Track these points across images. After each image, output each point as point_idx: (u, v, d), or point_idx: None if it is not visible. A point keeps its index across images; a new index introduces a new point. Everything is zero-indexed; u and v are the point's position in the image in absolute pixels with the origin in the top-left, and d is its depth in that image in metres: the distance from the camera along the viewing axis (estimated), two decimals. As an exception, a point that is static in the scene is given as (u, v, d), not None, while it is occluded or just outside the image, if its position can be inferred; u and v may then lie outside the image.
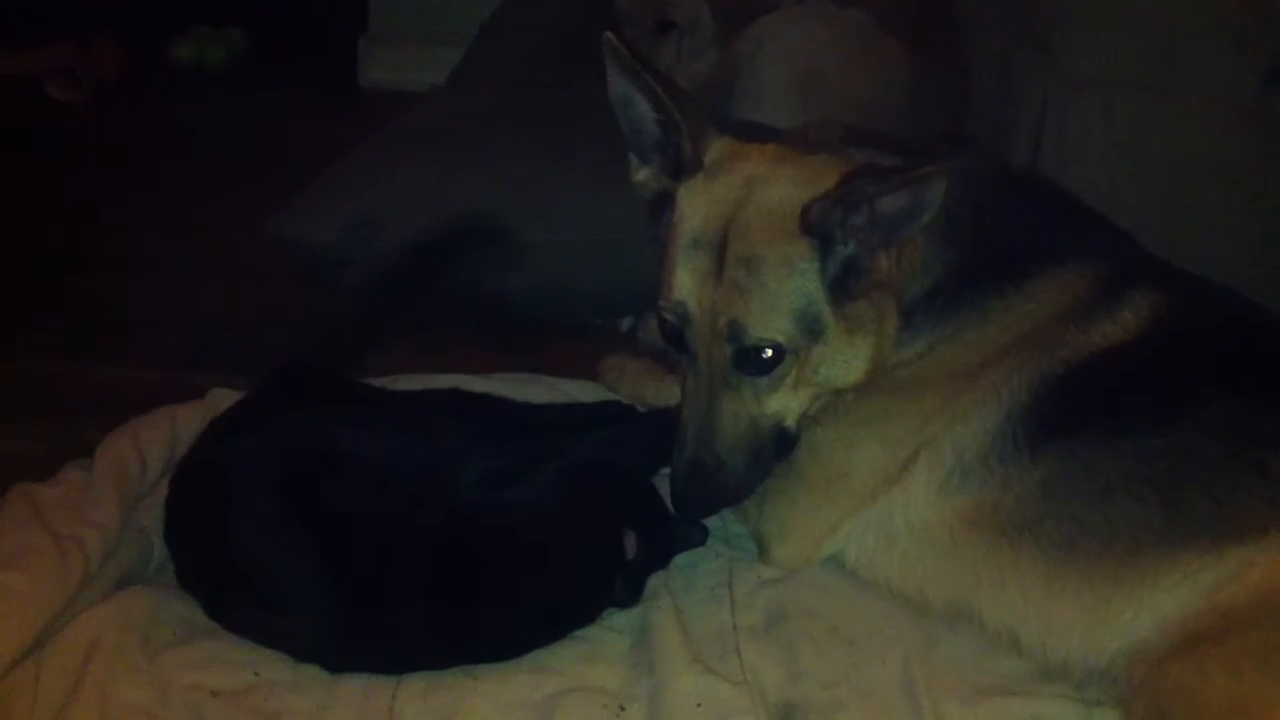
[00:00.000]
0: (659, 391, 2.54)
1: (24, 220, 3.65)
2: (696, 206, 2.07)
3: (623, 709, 1.94)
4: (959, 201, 2.05)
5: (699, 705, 1.92)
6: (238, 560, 2.02)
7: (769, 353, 2.03)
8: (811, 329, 2.03)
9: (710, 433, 2.08)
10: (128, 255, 3.49)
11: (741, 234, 2.02)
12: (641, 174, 2.18)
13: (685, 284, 2.05)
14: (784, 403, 2.10)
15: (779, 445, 2.13)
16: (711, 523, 2.23)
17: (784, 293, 2.01)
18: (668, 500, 2.15)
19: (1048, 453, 2.02)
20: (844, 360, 2.08)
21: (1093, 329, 2.06)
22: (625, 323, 3.05)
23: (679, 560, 2.21)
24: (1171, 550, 1.90)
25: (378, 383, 2.51)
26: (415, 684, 1.96)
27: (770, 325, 2.01)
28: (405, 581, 1.98)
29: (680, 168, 2.11)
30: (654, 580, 2.16)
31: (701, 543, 2.22)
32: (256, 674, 1.96)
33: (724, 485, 2.11)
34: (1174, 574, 1.89)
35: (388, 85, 4.89)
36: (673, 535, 2.20)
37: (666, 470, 2.15)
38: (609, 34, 2.09)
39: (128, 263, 3.45)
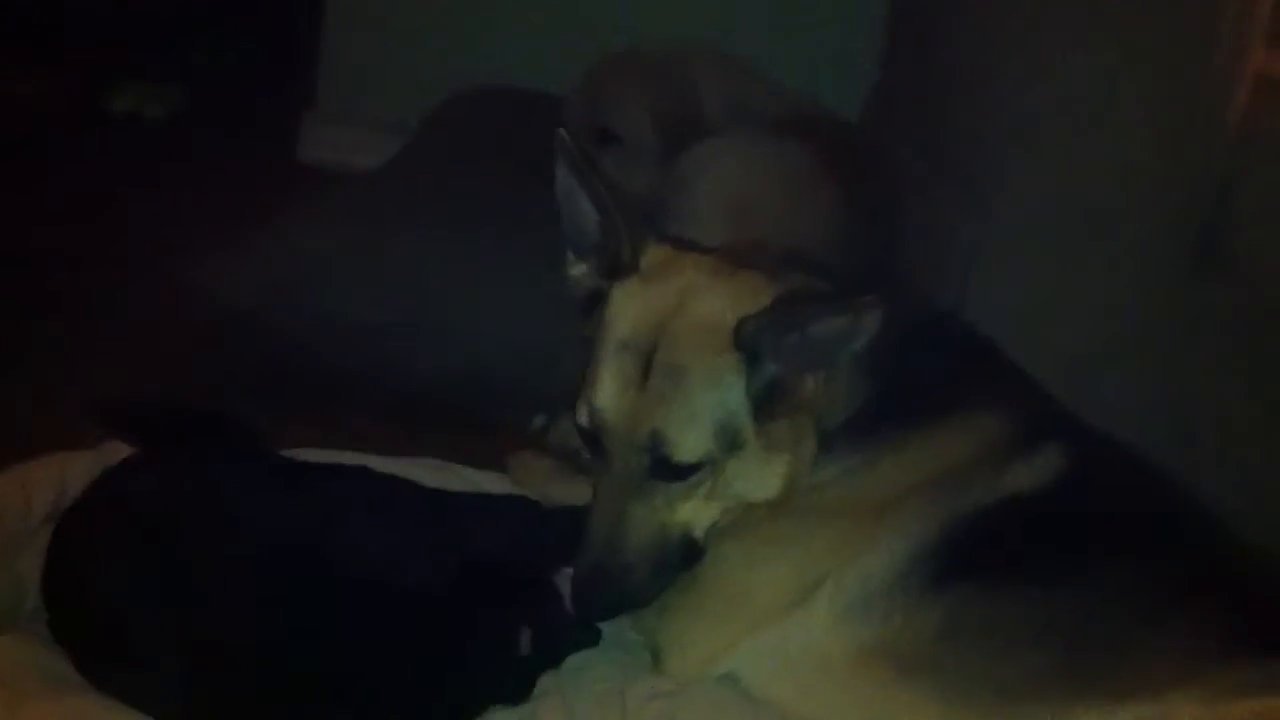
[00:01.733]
0: (566, 492, 2.51)
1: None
2: (628, 310, 2.08)
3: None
4: (886, 336, 2.08)
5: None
6: (100, 616, 1.95)
7: (687, 464, 2.03)
8: (731, 442, 2.03)
9: (618, 537, 2.06)
10: (34, 297, 3.40)
11: (670, 343, 2.03)
12: (577, 270, 2.20)
13: (608, 388, 2.05)
14: (695, 513, 2.10)
15: (685, 555, 2.12)
16: (608, 627, 2.20)
17: (707, 405, 2.01)
18: (566, 599, 2.12)
19: (951, 593, 2.03)
20: (760, 477, 2.09)
21: (1005, 475, 2.09)
22: (538, 420, 3.04)
23: (572, 661, 2.17)
24: (1067, 704, 1.91)
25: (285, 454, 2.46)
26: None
27: (691, 438, 2.01)
28: (278, 653, 1.92)
29: (616, 269, 2.12)
30: (545, 680, 2.11)
31: (595, 644, 2.19)
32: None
33: (626, 590, 2.08)
34: None
35: (328, 163, 4.87)
36: (568, 635, 2.16)
37: (567, 570, 2.14)
38: (561, 130, 2.13)
39: (35, 305, 3.36)
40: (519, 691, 2.07)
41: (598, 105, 3.55)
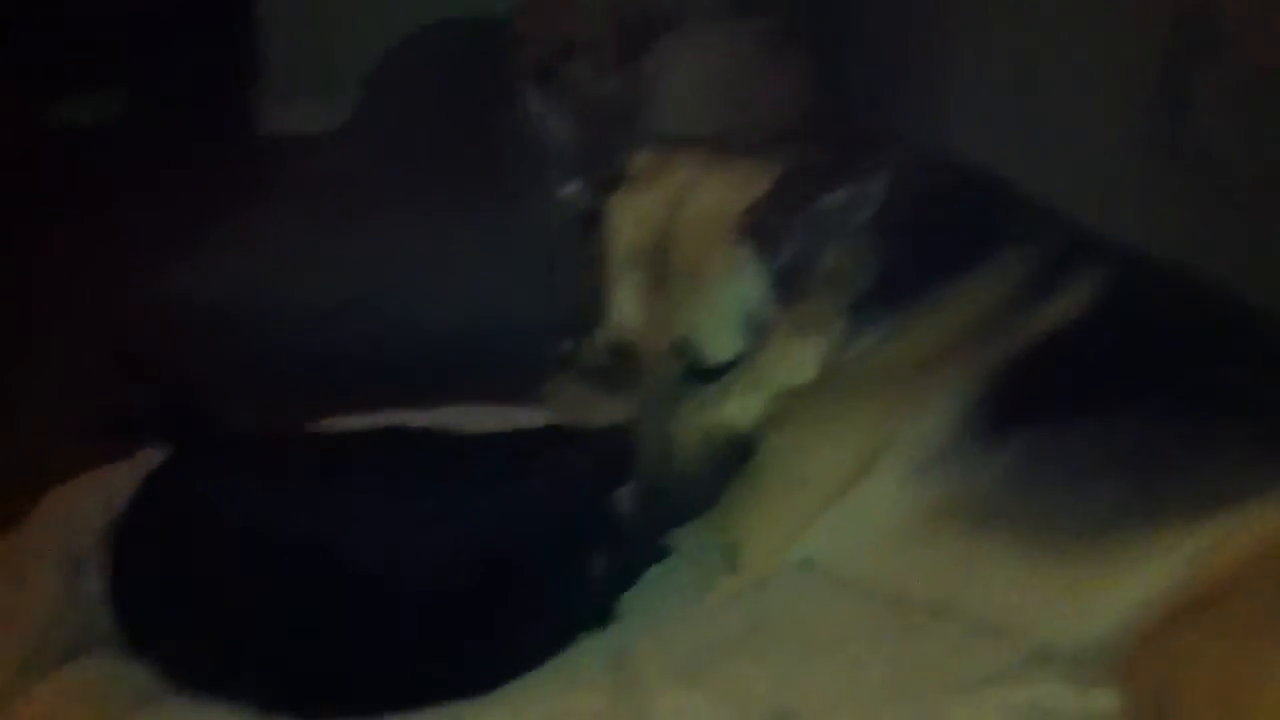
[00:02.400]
0: (608, 411, 2.50)
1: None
2: (628, 220, 2.05)
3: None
4: (895, 194, 2.05)
5: (685, 721, 1.89)
6: (187, 614, 1.95)
7: (719, 365, 2.01)
8: (760, 333, 2.01)
9: (666, 448, 2.05)
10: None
11: (679, 245, 1.99)
12: (565, 191, 2.15)
13: (625, 304, 2.03)
14: (737, 410, 2.08)
15: (736, 453, 2.11)
16: (676, 539, 2.18)
17: (729, 302, 1.99)
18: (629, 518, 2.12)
19: (1012, 438, 2.02)
20: (794, 362, 2.07)
21: (1041, 312, 2.07)
22: (565, 346, 3.01)
23: (647, 578, 2.16)
24: (1150, 524, 1.91)
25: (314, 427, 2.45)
26: (392, 725, 1.90)
27: (718, 338, 1.99)
28: (363, 618, 1.92)
29: (606, 182, 2.08)
30: (625, 600, 2.11)
31: (666, 558, 2.18)
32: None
33: (686, 498, 2.08)
34: (1156, 547, 1.90)
35: (284, 133, 4.80)
36: (638, 554, 2.16)
37: (625, 488, 2.13)
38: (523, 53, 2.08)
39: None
40: (602, 616, 2.07)
41: (553, 17, 3.48)
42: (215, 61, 5.15)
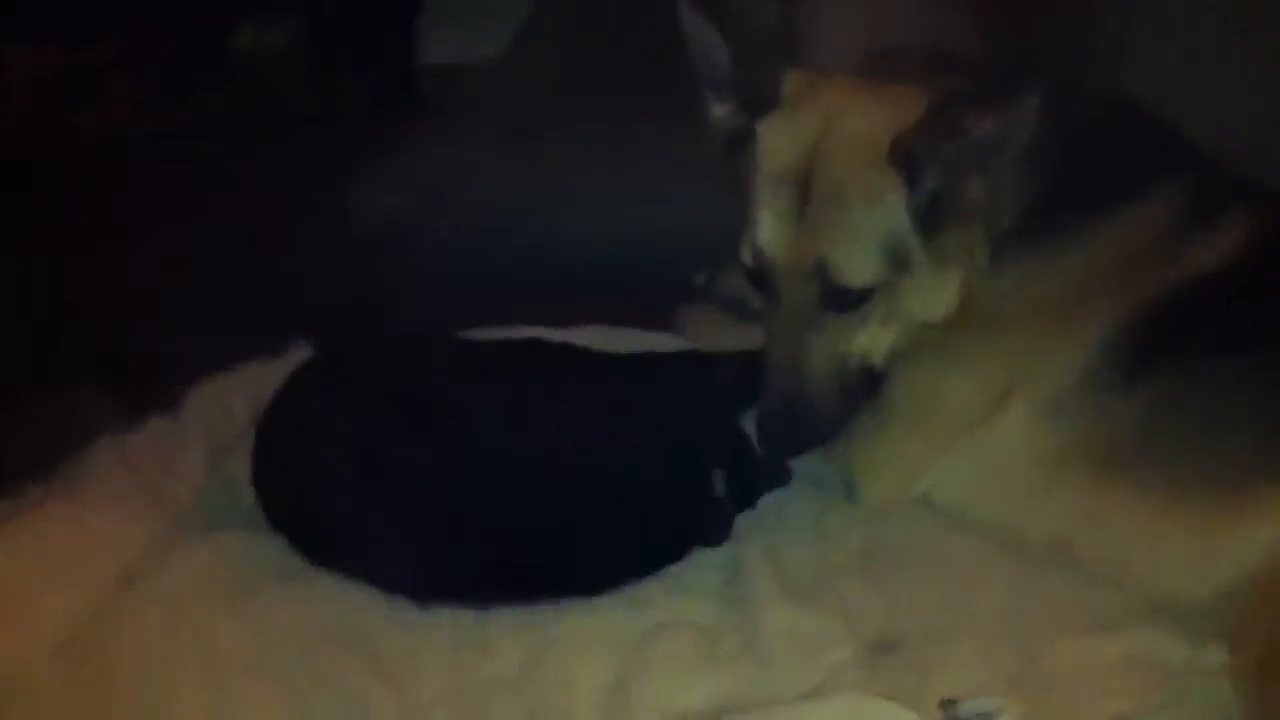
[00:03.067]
0: (739, 338, 2.52)
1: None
2: (777, 142, 2.04)
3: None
4: (1046, 128, 2.01)
5: (793, 639, 1.90)
6: (325, 500, 2.03)
7: (856, 289, 2.01)
8: (899, 262, 1.99)
9: (797, 373, 2.05)
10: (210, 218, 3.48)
11: (825, 168, 1.98)
12: (718, 112, 2.15)
13: (768, 223, 2.02)
14: (871, 340, 2.07)
15: (866, 384, 2.10)
16: (799, 465, 2.20)
17: (871, 227, 1.97)
18: (754, 441, 2.13)
19: (1147, 382, 1.98)
20: (933, 294, 2.04)
21: (1189, 255, 2.01)
22: (699, 278, 3.04)
23: (767, 501, 2.18)
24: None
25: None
26: (505, 617, 1.97)
27: (857, 261, 1.98)
28: (494, 517, 1.98)
29: (758, 104, 2.07)
30: (743, 520, 2.13)
31: (787, 483, 2.20)
32: (351, 610, 1.97)
33: (812, 425, 2.08)
34: None
35: (447, 62, 4.88)
36: (760, 476, 2.18)
37: (752, 411, 2.14)
38: None
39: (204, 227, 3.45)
40: (718, 533, 2.10)
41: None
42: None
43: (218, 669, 1.86)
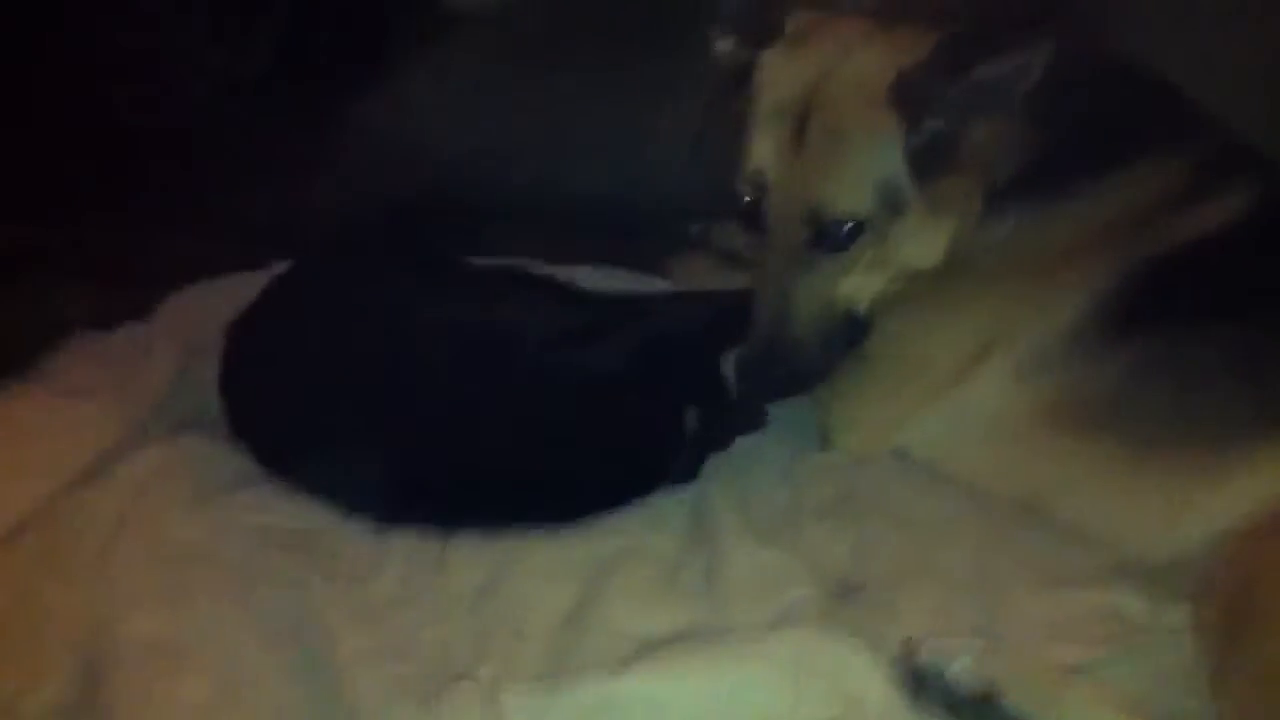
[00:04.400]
0: (728, 284, 2.48)
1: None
2: (779, 75, 2.00)
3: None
4: (1052, 80, 1.97)
5: (755, 575, 1.88)
6: (291, 410, 2.01)
7: (848, 228, 1.97)
8: (893, 204, 1.96)
9: (783, 314, 2.02)
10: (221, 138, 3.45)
11: (826, 103, 1.95)
12: (722, 45, 2.12)
13: (764, 153, 1.98)
14: (859, 285, 2.04)
15: (851, 330, 2.07)
16: (776, 410, 2.17)
17: (866, 163, 1.94)
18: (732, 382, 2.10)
19: (1134, 341, 1.94)
20: (924, 240, 2.01)
21: (1188, 218, 1.97)
22: (694, 228, 3.01)
23: (741, 443, 2.15)
24: (1258, 439, 1.83)
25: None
26: (466, 541, 1.94)
27: (849, 196, 1.94)
28: (462, 431, 1.96)
29: (762, 37, 2.04)
30: (714, 459, 2.11)
31: (762, 427, 2.17)
32: (309, 520, 1.94)
33: (793, 369, 2.04)
34: (1264, 460, 1.82)
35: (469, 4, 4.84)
36: (735, 417, 2.14)
37: (733, 352, 2.11)
38: None
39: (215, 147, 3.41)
40: (686, 471, 2.07)
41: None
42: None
43: (169, 559, 1.85)
